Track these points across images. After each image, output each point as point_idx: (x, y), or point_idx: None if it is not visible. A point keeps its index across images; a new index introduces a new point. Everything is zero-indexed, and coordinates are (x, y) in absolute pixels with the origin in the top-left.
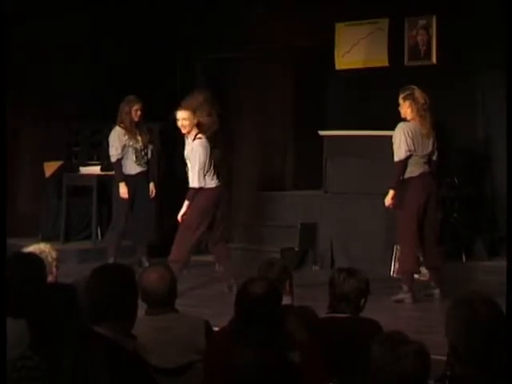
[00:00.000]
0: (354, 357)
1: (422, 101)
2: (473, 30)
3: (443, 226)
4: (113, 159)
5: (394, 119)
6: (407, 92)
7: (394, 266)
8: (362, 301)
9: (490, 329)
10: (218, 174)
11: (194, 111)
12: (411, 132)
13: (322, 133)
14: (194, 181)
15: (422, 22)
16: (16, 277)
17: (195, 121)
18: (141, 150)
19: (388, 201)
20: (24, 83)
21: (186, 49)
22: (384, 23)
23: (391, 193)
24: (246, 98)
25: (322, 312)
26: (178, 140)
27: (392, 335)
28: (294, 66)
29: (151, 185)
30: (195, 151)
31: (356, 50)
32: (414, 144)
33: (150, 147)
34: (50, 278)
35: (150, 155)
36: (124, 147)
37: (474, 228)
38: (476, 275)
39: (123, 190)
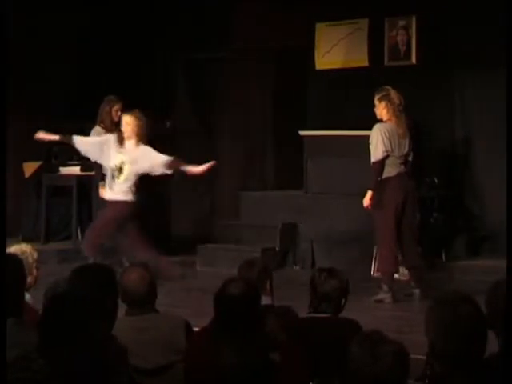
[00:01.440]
0: (334, 357)
1: (397, 101)
2: (452, 30)
3: (423, 226)
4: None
5: (375, 119)
6: (383, 93)
7: (374, 266)
8: (343, 301)
9: (470, 328)
10: None
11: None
12: (388, 132)
13: (302, 133)
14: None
15: (401, 22)
16: None
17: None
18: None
19: (366, 201)
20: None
21: (167, 48)
22: (364, 23)
23: (369, 193)
24: (227, 97)
25: (303, 312)
26: (160, 141)
27: (371, 335)
28: (275, 66)
29: None
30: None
31: (336, 50)
32: (390, 144)
33: None
34: (30, 280)
35: None
36: None
37: (454, 228)
38: (455, 275)
39: (103, 190)
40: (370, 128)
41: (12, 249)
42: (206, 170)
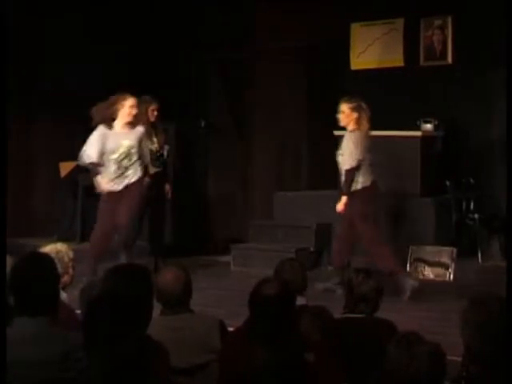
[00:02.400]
0: (369, 357)
1: (369, 112)
2: (488, 30)
3: (459, 227)
4: None
5: (410, 119)
6: (355, 104)
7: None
8: (379, 301)
9: (505, 329)
10: None
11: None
12: (361, 141)
13: (336, 133)
14: None
15: (437, 22)
16: (27, 276)
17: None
18: (156, 151)
19: (341, 206)
20: (37, 83)
21: (199, 49)
22: (399, 23)
23: (344, 199)
24: (260, 98)
25: (337, 312)
26: (195, 141)
27: (407, 335)
28: (308, 66)
29: (167, 185)
30: None
31: (371, 50)
32: (363, 153)
33: (166, 148)
34: (66, 278)
35: (165, 156)
36: None
37: (490, 228)
38: (492, 275)
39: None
40: (404, 128)
41: (47, 248)
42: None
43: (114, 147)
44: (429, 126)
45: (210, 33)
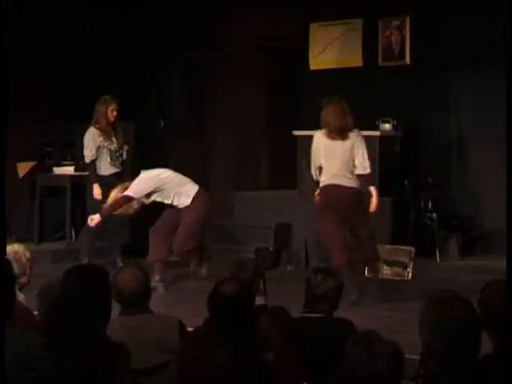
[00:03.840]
0: (328, 357)
1: None
2: (446, 31)
3: (417, 226)
4: (87, 160)
5: (368, 119)
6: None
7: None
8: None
9: (463, 328)
10: None
11: None
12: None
13: (296, 133)
14: None
15: (395, 23)
16: None
17: None
18: (116, 151)
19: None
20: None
21: (162, 48)
22: (358, 23)
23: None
24: (221, 98)
25: (297, 312)
26: (154, 141)
27: (366, 335)
28: (269, 67)
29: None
30: None
31: (330, 50)
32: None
33: (125, 148)
34: (23, 279)
35: (124, 156)
36: (99, 148)
37: (447, 228)
38: (450, 274)
39: (97, 191)
40: (363, 128)
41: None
42: None
43: None
44: (387, 126)
45: (170, 33)
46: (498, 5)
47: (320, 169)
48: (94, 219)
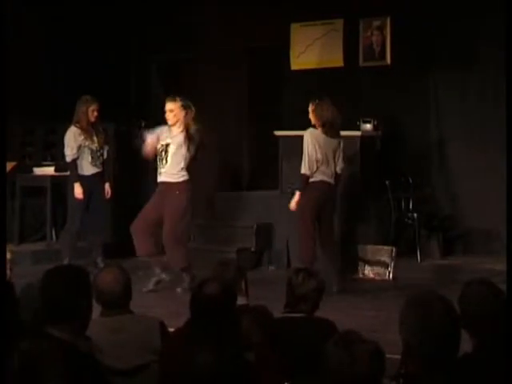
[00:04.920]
0: (309, 357)
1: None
2: (426, 31)
3: (398, 226)
4: (68, 159)
5: (350, 119)
6: (184, 102)
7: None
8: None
9: (444, 327)
10: None
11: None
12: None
13: (277, 133)
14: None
15: (376, 23)
16: None
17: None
18: (97, 151)
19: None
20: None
21: (141, 49)
22: (339, 24)
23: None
24: (202, 98)
25: (278, 312)
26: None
27: (346, 335)
28: (250, 67)
29: (107, 185)
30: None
31: (311, 50)
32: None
33: (106, 148)
34: None
35: (105, 156)
36: (80, 147)
37: (428, 227)
38: (430, 274)
39: (78, 191)
40: (344, 128)
41: None
42: None
43: None
44: (368, 126)
45: (152, 33)
46: (480, 4)
47: (317, 163)
48: None
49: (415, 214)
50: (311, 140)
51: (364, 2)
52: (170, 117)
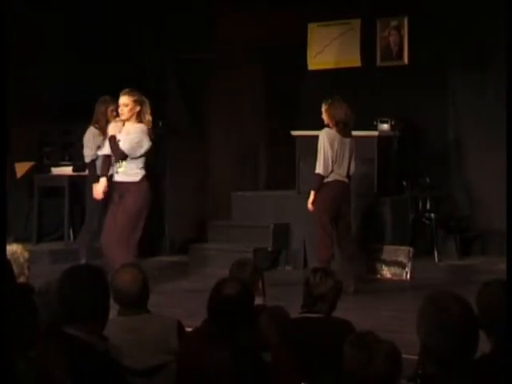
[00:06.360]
0: (325, 357)
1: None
2: (444, 31)
3: (416, 227)
4: (87, 160)
5: (366, 119)
6: (138, 96)
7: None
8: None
9: (461, 328)
10: None
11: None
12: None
13: (294, 133)
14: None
15: (393, 23)
16: None
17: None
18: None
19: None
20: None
21: (159, 49)
22: (356, 24)
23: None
24: (219, 98)
25: (295, 312)
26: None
27: (364, 335)
28: (267, 67)
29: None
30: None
31: (328, 50)
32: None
33: None
34: (22, 279)
35: None
36: (98, 148)
37: (446, 228)
38: (448, 274)
39: (96, 191)
40: (361, 128)
41: None
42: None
43: None
44: (385, 126)
45: (168, 33)
46: (497, 3)
47: (332, 164)
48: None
49: (432, 215)
50: (327, 140)
51: (381, 2)
52: (124, 111)
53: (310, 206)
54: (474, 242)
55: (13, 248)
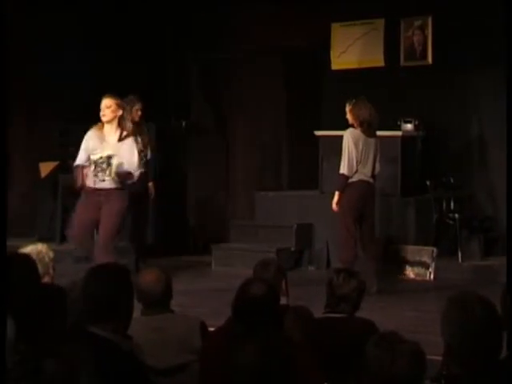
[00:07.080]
0: (349, 357)
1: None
2: (468, 31)
3: (439, 227)
4: None
5: (390, 119)
6: (120, 100)
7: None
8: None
9: (485, 328)
10: None
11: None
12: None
13: (317, 133)
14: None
15: (417, 23)
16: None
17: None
18: (140, 151)
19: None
20: (18, 82)
21: (183, 48)
22: (379, 23)
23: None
24: (241, 98)
25: (318, 312)
26: (176, 141)
27: (387, 335)
28: (289, 67)
29: (150, 185)
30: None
31: (352, 50)
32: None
33: (149, 148)
34: (46, 279)
35: (149, 156)
36: None
37: (469, 228)
38: (471, 275)
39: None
40: (384, 128)
41: (28, 249)
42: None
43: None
44: (409, 126)
45: (191, 33)
46: None
47: (357, 164)
48: None
49: (456, 215)
50: (351, 140)
51: (405, 2)
52: (106, 112)
53: (334, 206)
54: (498, 243)
55: (38, 248)
